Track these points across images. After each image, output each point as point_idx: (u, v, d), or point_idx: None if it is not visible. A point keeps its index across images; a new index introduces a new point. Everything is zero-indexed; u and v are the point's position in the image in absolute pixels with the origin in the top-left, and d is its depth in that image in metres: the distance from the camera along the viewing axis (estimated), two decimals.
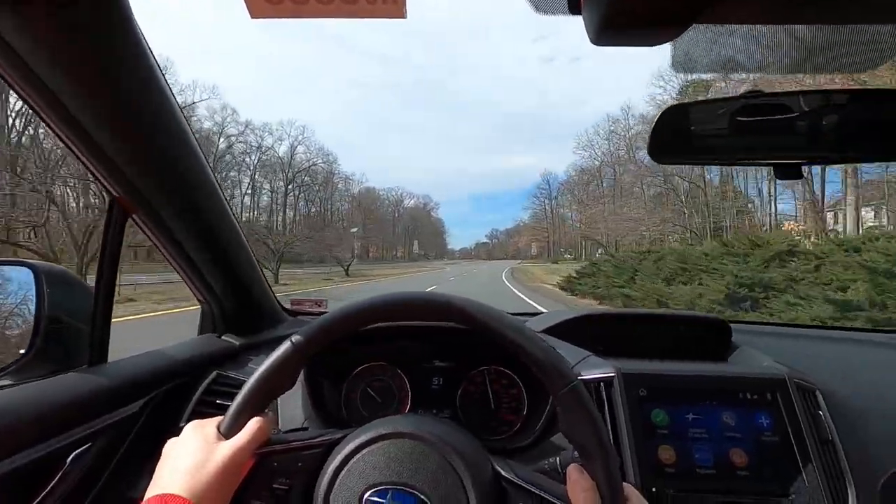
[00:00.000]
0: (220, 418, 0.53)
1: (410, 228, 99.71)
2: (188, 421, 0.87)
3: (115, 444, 0.76)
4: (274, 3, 0.47)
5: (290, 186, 58.32)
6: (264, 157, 54.88)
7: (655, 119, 0.62)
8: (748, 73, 0.58)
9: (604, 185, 49.80)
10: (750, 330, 1.22)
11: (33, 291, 0.80)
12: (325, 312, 1.43)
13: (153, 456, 0.85)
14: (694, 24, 0.45)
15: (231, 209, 0.95)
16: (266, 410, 0.56)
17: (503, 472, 0.53)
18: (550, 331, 1.07)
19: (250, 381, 0.53)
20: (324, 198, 64.32)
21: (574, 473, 0.50)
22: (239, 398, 0.53)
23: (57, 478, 0.66)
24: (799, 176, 0.63)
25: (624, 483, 0.50)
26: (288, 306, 1.39)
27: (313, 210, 61.28)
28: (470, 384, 0.99)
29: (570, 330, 1.10)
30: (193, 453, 0.49)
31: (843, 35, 0.52)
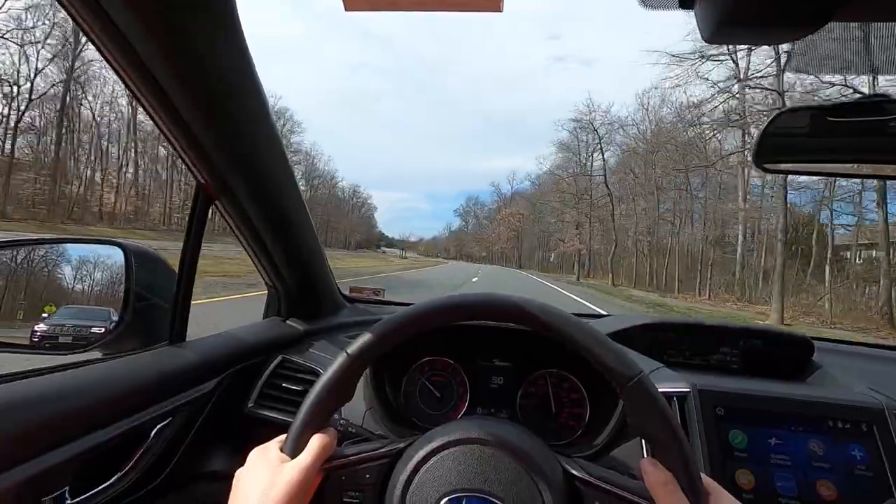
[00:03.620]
0: (281, 439, 0.53)
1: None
2: (256, 402, 0.91)
3: (191, 419, 0.79)
4: None
5: None
6: None
7: (765, 124, 0.57)
8: (883, 74, 0.52)
9: None
10: (833, 349, 1.13)
11: (123, 269, 0.85)
12: (382, 301, 1.47)
13: (224, 433, 0.89)
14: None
15: (304, 197, 0.97)
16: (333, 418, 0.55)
17: (574, 472, 0.51)
18: (614, 336, 1.04)
19: (309, 398, 0.53)
20: None
21: (648, 467, 0.48)
22: (299, 416, 0.52)
23: (142, 449, 0.69)
24: None
25: (703, 475, 0.48)
26: (347, 293, 1.41)
27: None
28: (530, 386, 0.97)
29: (636, 337, 1.06)
30: (260, 479, 0.48)
31: None
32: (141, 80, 0.59)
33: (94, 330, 0.85)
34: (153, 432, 0.71)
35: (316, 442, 0.51)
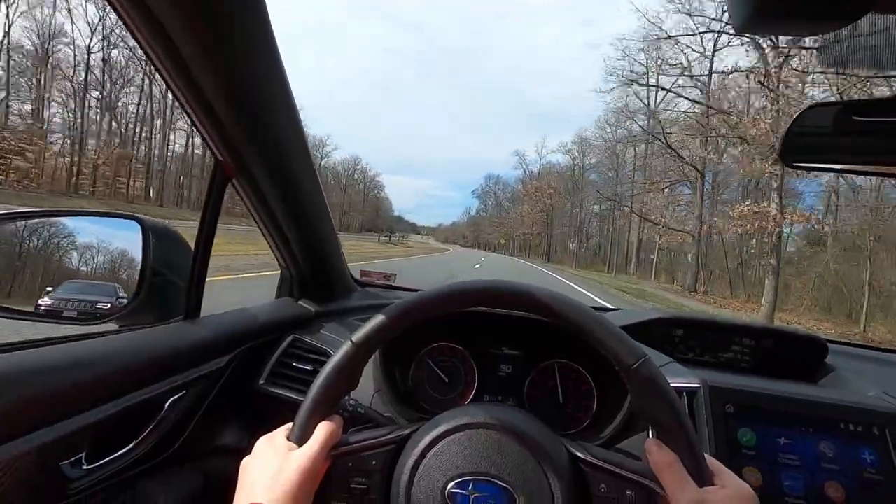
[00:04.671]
0: (288, 427, 0.54)
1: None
2: (267, 379, 0.93)
3: (204, 394, 0.81)
4: None
5: None
6: None
7: (792, 119, 0.56)
8: None
9: None
10: (847, 352, 1.12)
11: (140, 243, 0.85)
12: (392, 286, 1.47)
13: (235, 409, 0.91)
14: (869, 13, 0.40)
15: (320, 181, 0.97)
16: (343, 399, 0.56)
17: (579, 454, 0.52)
18: (626, 329, 1.03)
19: (314, 387, 0.53)
20: None
21: (653, 448, 0.49)
22: (305, 405, 0.53)
23: (156, 421, 0.71)
24: None
25: (707, 456, 0.49)
26: (358, 277, 1.42)
27: None
28: (538, 375, 0.98)
29: (648, 332, 1.05)
30: (269, 466, 0.49)
31: None
32: (166, 55, 0.59)
33: (100, 306, 0.85)
34: (167, 404, 0.73)
35: (322, 430, 0.52)
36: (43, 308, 0.82)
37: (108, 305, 0.85)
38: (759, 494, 0.70)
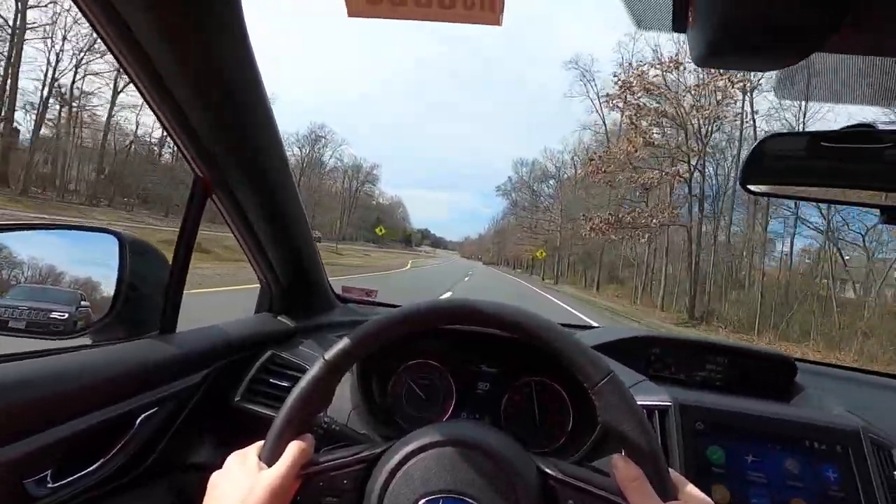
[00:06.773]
0: (260, 444, 0.54)
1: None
2: (243, 396, 0.92)
3: (178, 410, 0.80)
4: (373, 4, 0.47)
5: None
6: None
7: (752, 147, 0.59)
8: (861, 104, 0.53)
9: None
10: (817, 371, 1.15)
11: (117, 257, 0.85)
12: (373, 301, 1.47)
13: (210, 426, 0.90)
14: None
15: (301, 197, 0.98)
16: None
17: (548, 470, 0.53)
18: (601, 348, 1.05)
19: (286, 405, 0.53)
20: None
21: (619, 463, 0.50)
22: (277, 423, 0.53)
23: (126, 437, 0.70)
24: None
25: (671, 471, 0.50)
26: (339, 293, 1.42)
27: None
28: (515, 393, 0.98)
29: (623, 350, 1.07)
30: (238, 483, 0.49)
31: None
32: (143, 72, 0.60)
33: (55, 315, 0.79)
34: (138, 421, 0.72)
35: (293, 449, 0.52)
36: None
37: (66, 315, 0.79)
38: None
